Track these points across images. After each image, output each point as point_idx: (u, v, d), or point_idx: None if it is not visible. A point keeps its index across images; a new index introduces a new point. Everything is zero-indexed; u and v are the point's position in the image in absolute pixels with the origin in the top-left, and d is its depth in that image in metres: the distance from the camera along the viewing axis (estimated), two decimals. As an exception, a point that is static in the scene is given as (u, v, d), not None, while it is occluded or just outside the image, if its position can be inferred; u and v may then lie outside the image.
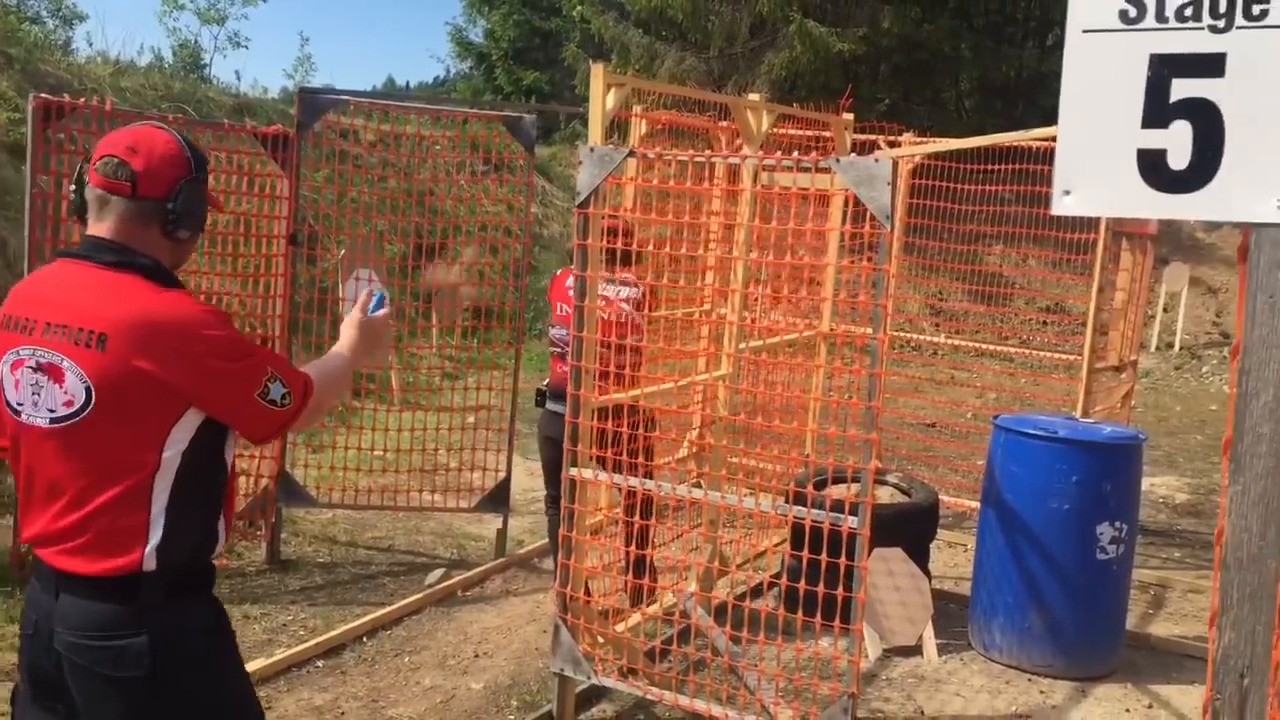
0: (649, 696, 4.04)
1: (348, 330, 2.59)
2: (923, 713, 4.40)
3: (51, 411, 2.12)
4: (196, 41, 21.22)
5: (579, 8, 19.67)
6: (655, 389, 5.00)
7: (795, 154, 4.49)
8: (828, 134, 6.27)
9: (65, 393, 2.10)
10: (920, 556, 5.13)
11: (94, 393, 2.08)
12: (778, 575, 5.07)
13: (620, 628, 4.42)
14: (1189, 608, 5.82)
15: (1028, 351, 9.26)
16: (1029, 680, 4.74)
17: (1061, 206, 1.24)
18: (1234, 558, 1.19)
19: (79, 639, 2.14)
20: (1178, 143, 1.19)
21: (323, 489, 6.32)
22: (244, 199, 5.75)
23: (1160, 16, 1.17)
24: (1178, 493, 8.54)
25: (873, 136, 7.27)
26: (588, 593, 4.13)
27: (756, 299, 5.36)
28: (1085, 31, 1.21)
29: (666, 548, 5.13)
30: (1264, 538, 1.17)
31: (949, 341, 11.26)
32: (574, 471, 4.01)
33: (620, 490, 4.31)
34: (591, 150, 3.89)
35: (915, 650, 4.91)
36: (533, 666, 4.61)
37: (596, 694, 4.32)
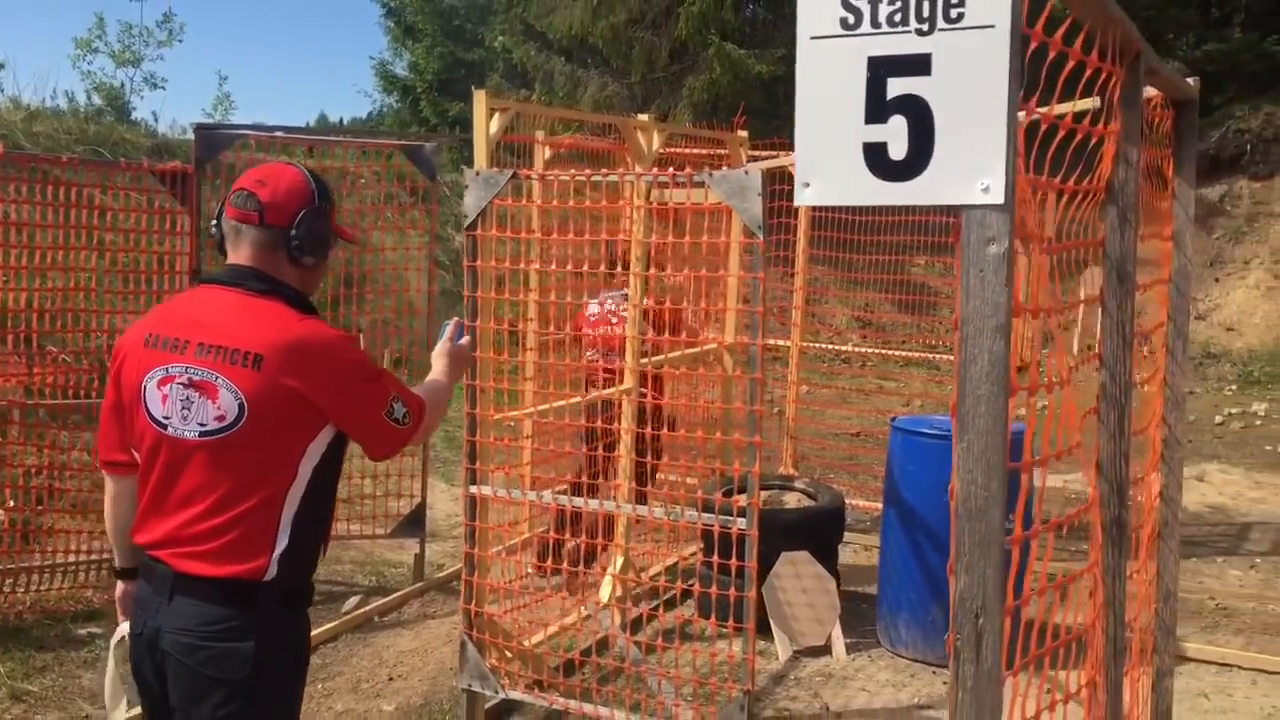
0: (557, 707, 4.11)
1: (439, 359, 2.87)
2: (828, 708, 4.51)
3: (202, 425, 2.29)
4: (122, 85, 21.05)
5: (500, 38, 19.80)
6: (562, 403, 5.10)
7: (685, 170, 4.61)
8: (723, 151, 6.41)
9: (218, 408, 2.27)
10: (828, 558, 5.25)
11: (247, 408, 2.25)
12: (692, 583, 5.20)
13: (531, 641, 4.49)
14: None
15: (950, 358, 9.46)
16: (933, 673, 4.86)
17: (803, 198, 1.35)
18: (964, 509, 1.30)
19: (189, 639, 2.27)
20: (896, 136, 1.31)
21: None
22: (156, 237, 5.76)
23: (874, 22, 1.29)
24: (1087, 487, 8.74)
25: (775, 153, 7.43)
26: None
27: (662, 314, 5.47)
28: (813, 38, 1.33)
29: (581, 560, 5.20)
30: (988, 489, 1.28)
31: (877, 351, 11.43)
32: (474, 489, 4.09)
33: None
34: (477, 174, 3.99)
35: (825, 650, 5.02)
36: (446, 686, 4.65)
37: (507, 708, 4.38)
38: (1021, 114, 1.34)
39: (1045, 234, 2.19)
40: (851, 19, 1.30)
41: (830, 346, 12.35)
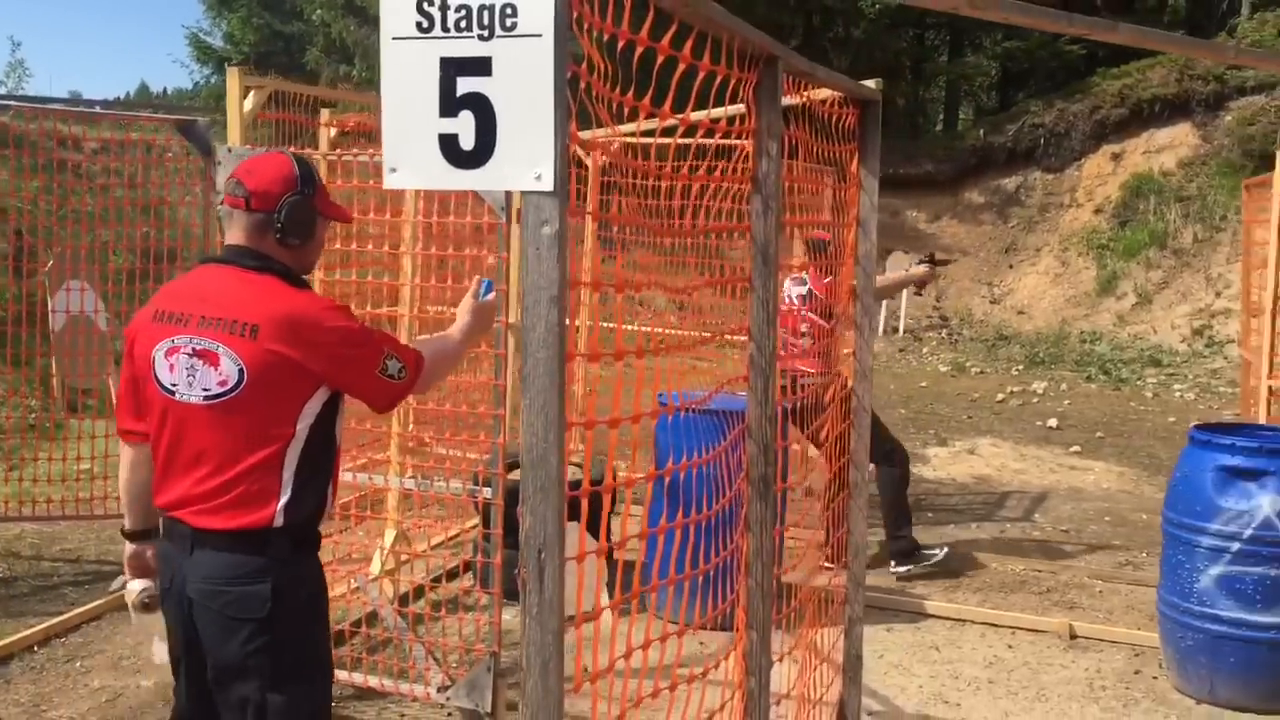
0: (316, 675, 4.19)
1: (462, 314, 3.04)
2: (586, 670, 4.72)
3: (206, 390, 2.50)
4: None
5: (319, 11, 19.42)
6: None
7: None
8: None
9: (220, 374, 2.48)
10: (597, 528, 5.47)
11: (246, 373, 2.47)
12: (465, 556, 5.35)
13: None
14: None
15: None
16: (692, 634, 5.13)
17: (391, 181, 1.51)
18: (527, 458, 1.48)
19: (211, 586, 2.49)
20: (466, 128, 1.47)
21: (11, 505, 6.17)
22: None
23: (444, 27, 1.46)
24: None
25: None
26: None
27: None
28: (394, 39, 1.48)
29: (352, 533, 5.28)
30: (546, 440, 1.46)
31: (693, 334, 11.70)
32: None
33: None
34: (229, 151, 4.03)
35: (593, 617, 5.24)
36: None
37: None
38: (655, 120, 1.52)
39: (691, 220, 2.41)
40: (425, 23, 1.46)
41: (634, 328, 12.61)
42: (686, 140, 2.28)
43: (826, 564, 5.88)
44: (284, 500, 2.51)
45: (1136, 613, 5.50)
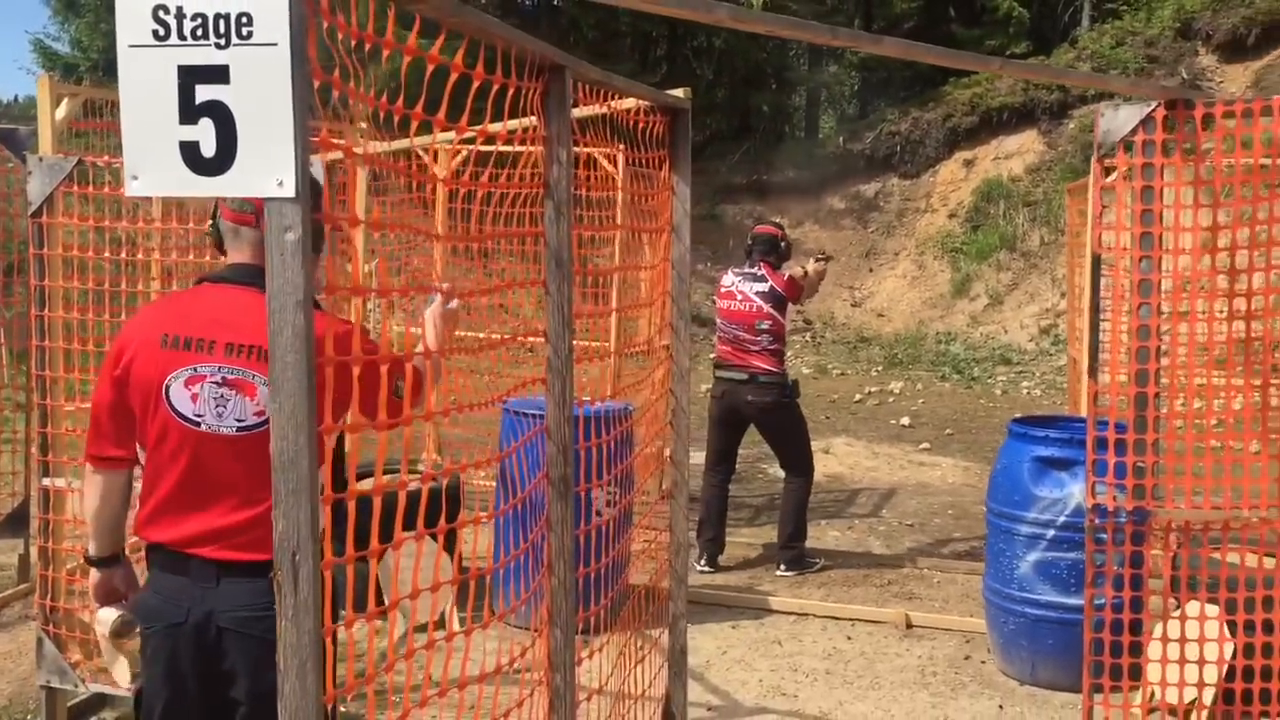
0: (143, 696, 4.10)
1: (431, 327, 2.91)
2: (431, 677, 4.71)
3: (240, 421, 2.44)
4: None
5: (171, 17, 18.86)
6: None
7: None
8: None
9: (256, 403, 2.43)
10: (448, 535, 5.46)
11: None
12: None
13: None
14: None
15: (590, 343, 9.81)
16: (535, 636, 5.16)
17: (132, 189, 1.50)
18: (278, 461, 1.50)
19: (251, 612, 2.39)
20: (206, 136, 1.48)
21: None
22: None
23: (181, 35, 1.46)
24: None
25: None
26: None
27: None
28: (131, 46, 1.48)
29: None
30: (297, 444, 1.48)
31: (489, 336, 11.68)
32: (46, 481, 4.02)
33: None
34: (40, 160, 3.92)
35: (440, 625, 5.23)
36: (35, 686, 4.53)
37: (99, 702, 4.32)
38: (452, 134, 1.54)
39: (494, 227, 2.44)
40: (162, 31, 1.47)
41: (481, 336, 12.58)
42: (489, 149, 2.32)
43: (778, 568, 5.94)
44: None
45: (970, 601, 5.71)
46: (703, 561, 6.22)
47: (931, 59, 2.79)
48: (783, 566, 6.23)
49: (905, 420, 11.45)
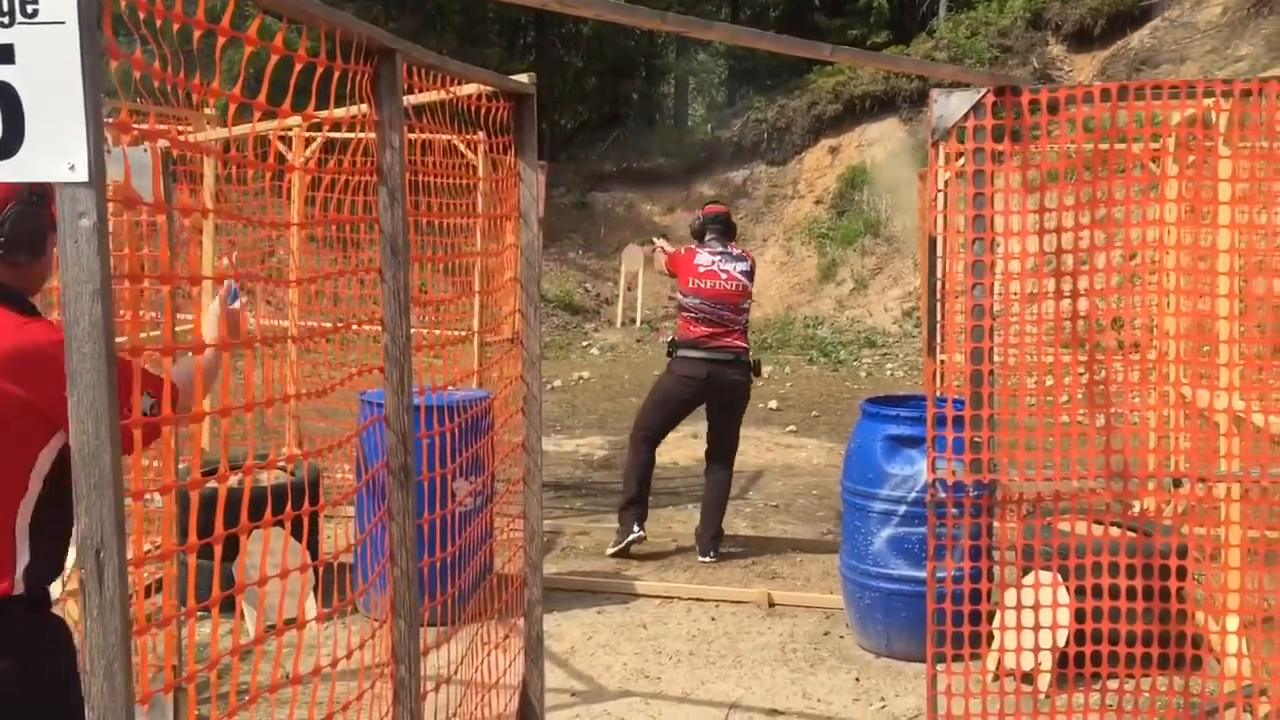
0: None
1: (211, 327, 2.71)
2: (288, 676, 4.62)
3: None
4: None
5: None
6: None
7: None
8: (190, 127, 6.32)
9: None
10: (306, 531, 5.35)
11: None
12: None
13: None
14: (575, 547, 6.52)
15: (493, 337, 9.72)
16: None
17: (-83, 173, 1.44)
18: (79, 456, 1.44)
19: None
20: (-10, 118, 1.42)
21: None
22: None
23: (-39, 13, 1.40)
24: (598, 450, 9.46)
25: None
26: None
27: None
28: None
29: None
30: (99, 437, 1.43)
31: (421, 330, 11.55)
32: None
33: None
34: None
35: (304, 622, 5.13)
36: None
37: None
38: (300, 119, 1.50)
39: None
40: (-61, 7, 1.40)
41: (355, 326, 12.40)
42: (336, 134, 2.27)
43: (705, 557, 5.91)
44: (23, 565, 2.19)
45: (831, 578, 5.84)
46: (637, 528, 6.26)
47: (762, 45, 2.83)
48: (711, 555, 6.22)
49: (773, 404, 11.64)
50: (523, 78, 3.24)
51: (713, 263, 6.31)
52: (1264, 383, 3.58)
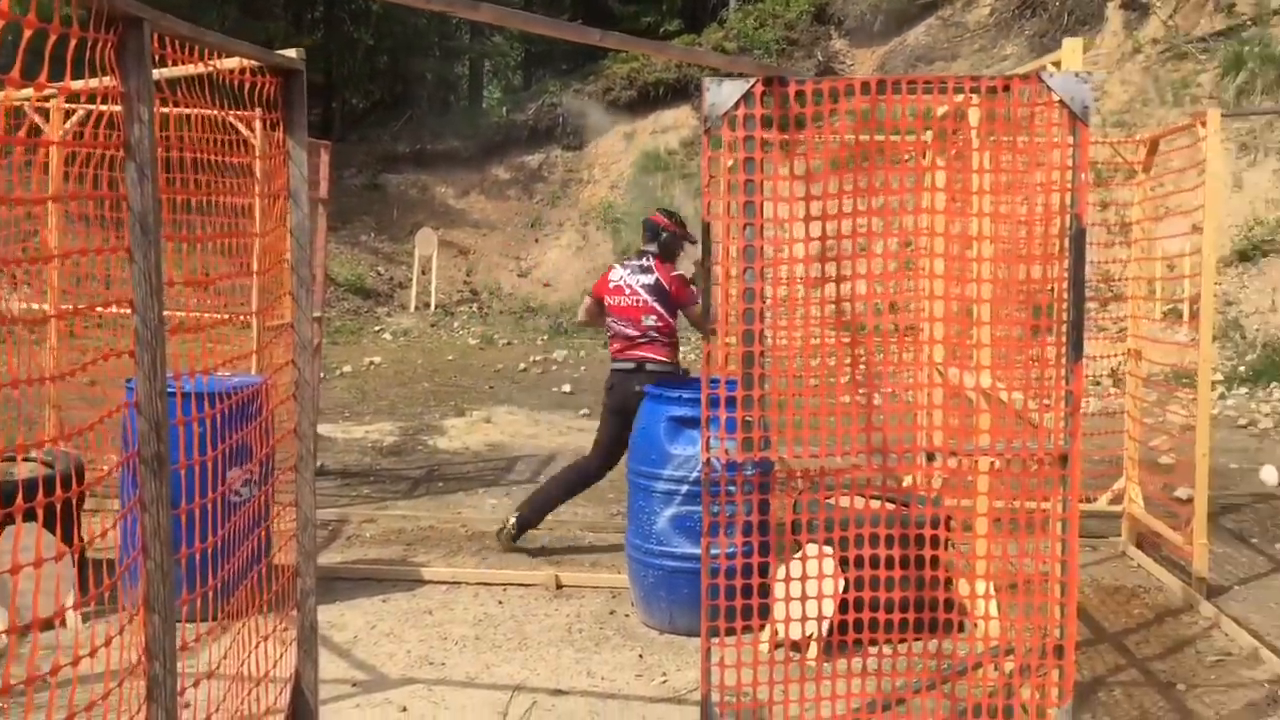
0: None
1: None
2: (45, 678, 4.36)
3: None
4: None
5: None
6: None
7: None
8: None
9: None
10: (65, 524, 5.05)
11: None
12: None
13: None
14: (361, 535, 6.39)
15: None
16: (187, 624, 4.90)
17: None
18: None
19: None
20: None
21: None
22: None
23: None
24: (388, 436, 9.30)
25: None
26: None
27: None
28: None
29: None
30: None
31: (197, 315, 11.06)
32: None
33: None
34: None
35: (52, 623, 4.85)
36: None
37: None
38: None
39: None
40: None
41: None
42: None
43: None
44: None
45: (619, 558, 5.93)
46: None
47: (532, 28, 2.84)
48: (515, 531, 6.08)
49: (567, 387, 11.70)
50: (291, 53, 3.14)
51: (620, 277, 6.11)
52: (1011, 362, 3.82)
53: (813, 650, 4.26)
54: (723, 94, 3.32)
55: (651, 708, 4.19)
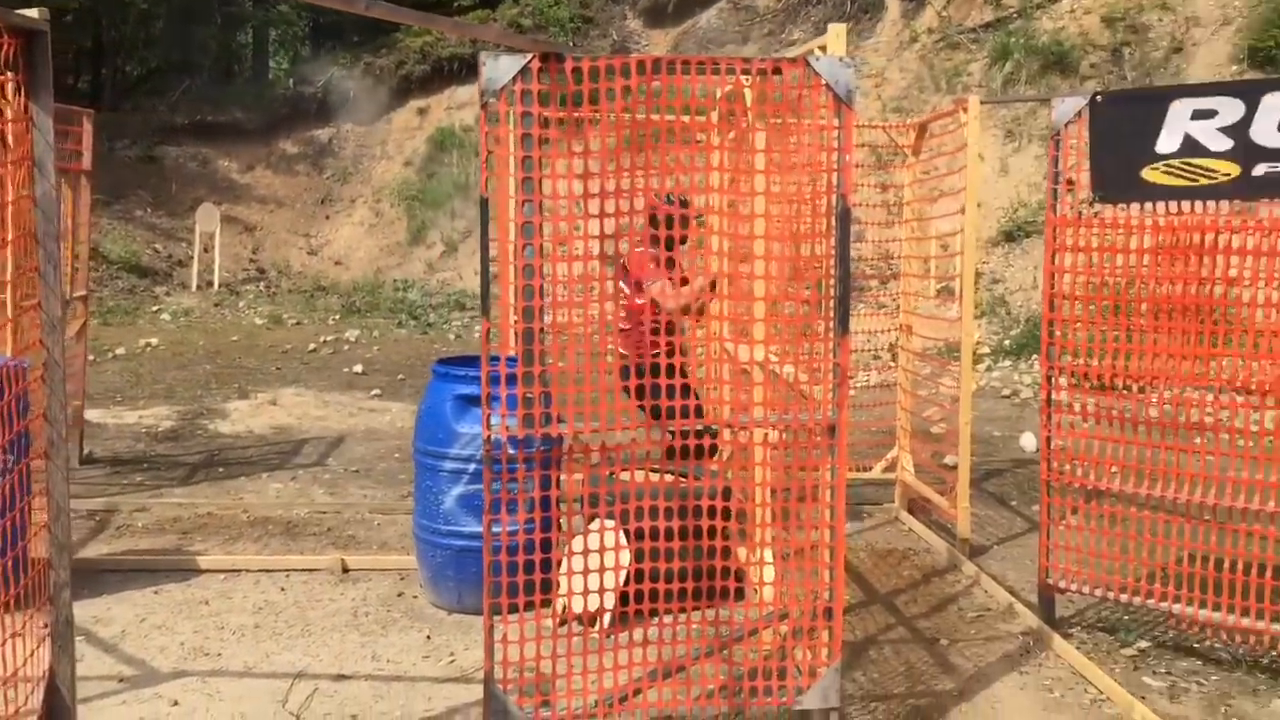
0: None
1: None
2: None
3: None
4: None
5: None
6: None
7: None
8: None
9: None
10: None
11: None
12: None
13: None
14: (132, 525, 6.08)
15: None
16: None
17: None
18: None
19: None
20: None
21: None
22: None
23: None
24: (164, 421, 8.88)
25: None
26: None
27: None
28: None
29: None
30: None
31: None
32: None
33: None
34: None
35: None
36: None
37: None
38: None
39: None
40: None
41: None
42: None
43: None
44: None
45: (409, 540, 5.84)
46: None
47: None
48: None
49: (359, 368, 11.44)
50: (32, 12, 2.93)
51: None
52: (785, 337, 3.95)
53: (604, 622, 4.31)
54: (499, 69, 3.29)
55: (438, 688, 4.16)
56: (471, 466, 4.84)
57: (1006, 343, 12.10)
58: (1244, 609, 4.27)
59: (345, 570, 5.40)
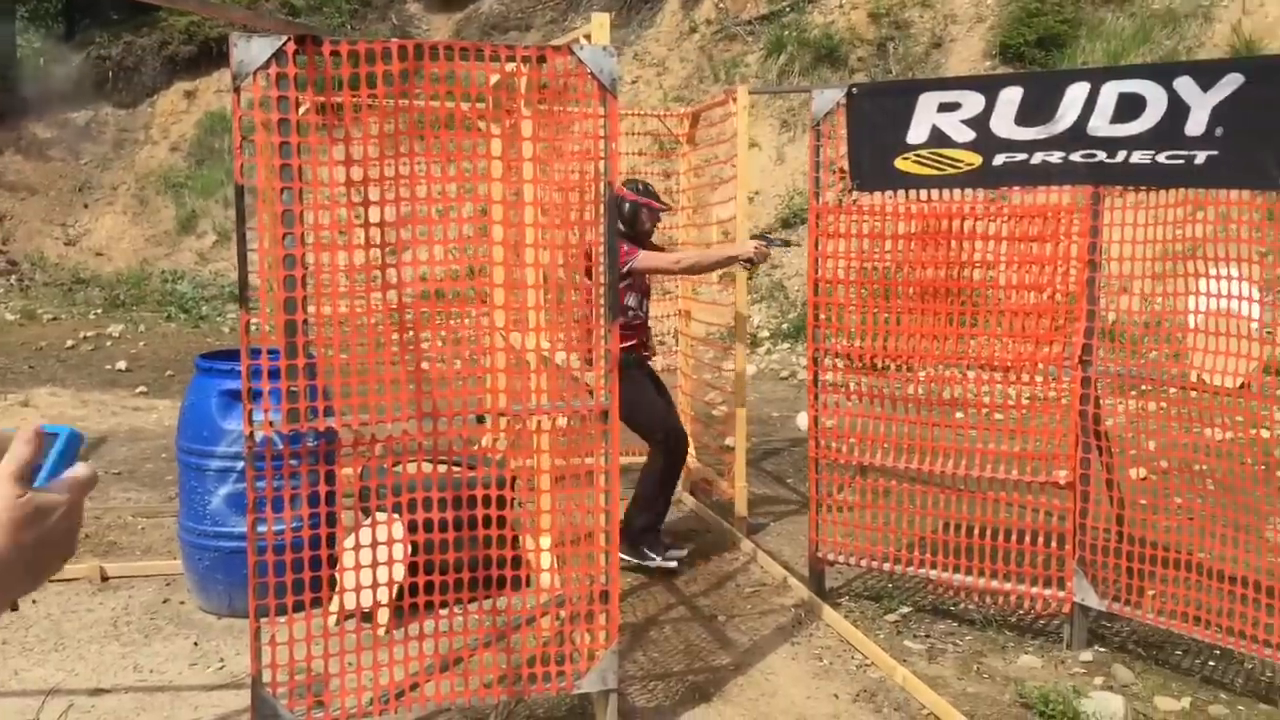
0: None
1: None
2: None
3: None
4: None
5: None
6: None
7: None
8: None
9: None
10: None
11: None
12: None
13: None
14: None
15: None
16: None
17: None
18: None
19: None
20: None
21: None
22: None
23: None
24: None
25: None
26: None
27: None
28: None
29: None
30: None
31: None
32: None
33: None
34: None
35: None
36: None
37: None
38: None
39: None
40: None
41: None
42: None
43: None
44: None
45: (175, 544, 5.57)
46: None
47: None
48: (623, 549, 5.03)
49: (122, 364, 10.83)
50: None
51: None
52: (561, 324, 3.96)
53: (383, 617, 4.24)
54: (252, 52, 3.17)
55: (207, 695, 3.99)
56: (240, 464, 4.64)
57: (785, 326, 12.51)
58: (993, 572, 4.57)
59: (104, 578, 5.11)
